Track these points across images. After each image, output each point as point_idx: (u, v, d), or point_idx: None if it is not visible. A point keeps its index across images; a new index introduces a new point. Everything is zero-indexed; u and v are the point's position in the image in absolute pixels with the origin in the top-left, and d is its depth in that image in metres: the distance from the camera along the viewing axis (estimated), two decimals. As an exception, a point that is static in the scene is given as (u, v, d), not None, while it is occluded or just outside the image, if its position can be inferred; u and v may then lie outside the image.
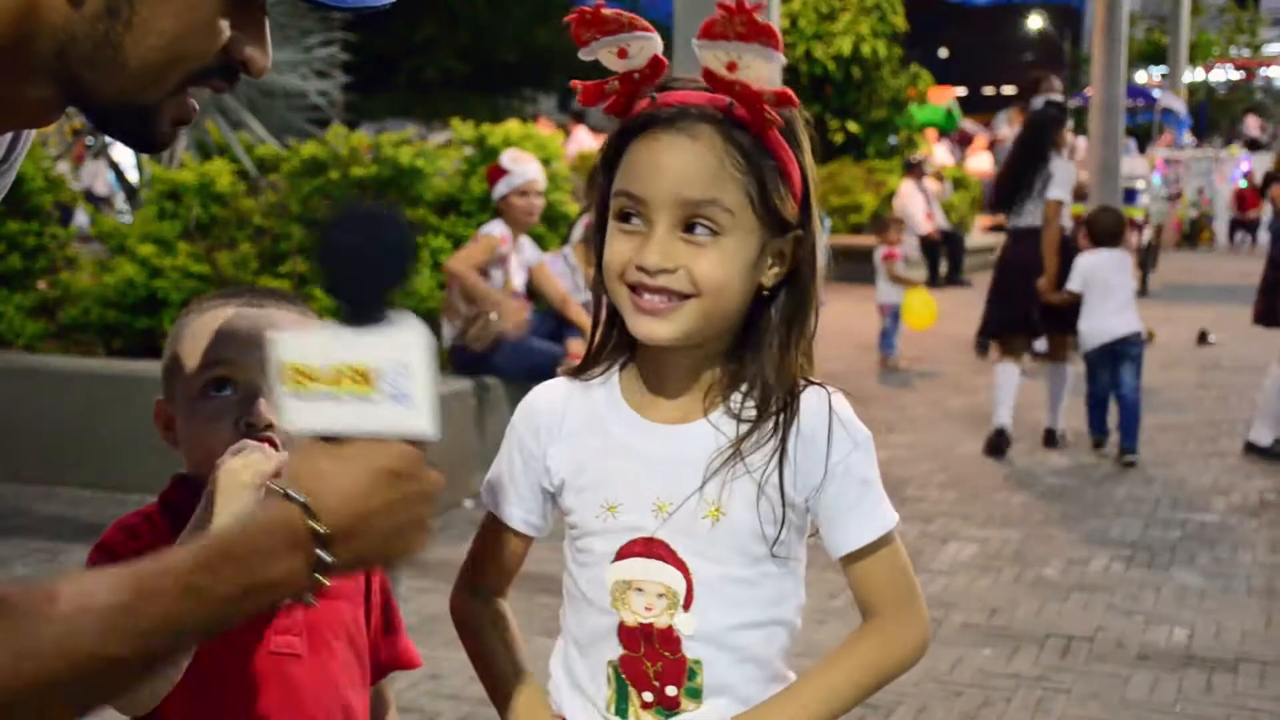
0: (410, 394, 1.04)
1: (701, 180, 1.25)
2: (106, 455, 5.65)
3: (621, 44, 1.25)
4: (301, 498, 1.03)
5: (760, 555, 1.31)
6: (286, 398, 1.07)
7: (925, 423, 7.32)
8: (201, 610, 0.99)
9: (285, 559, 1.01)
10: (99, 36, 0.99)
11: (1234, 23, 34.24)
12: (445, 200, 6.66)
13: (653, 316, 1.26)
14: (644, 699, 1.33)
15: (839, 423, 1.33)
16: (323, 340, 1.06)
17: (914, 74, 18.07)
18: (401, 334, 1.05)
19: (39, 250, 6.68)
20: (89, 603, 0.95)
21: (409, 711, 3.42)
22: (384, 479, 1.05)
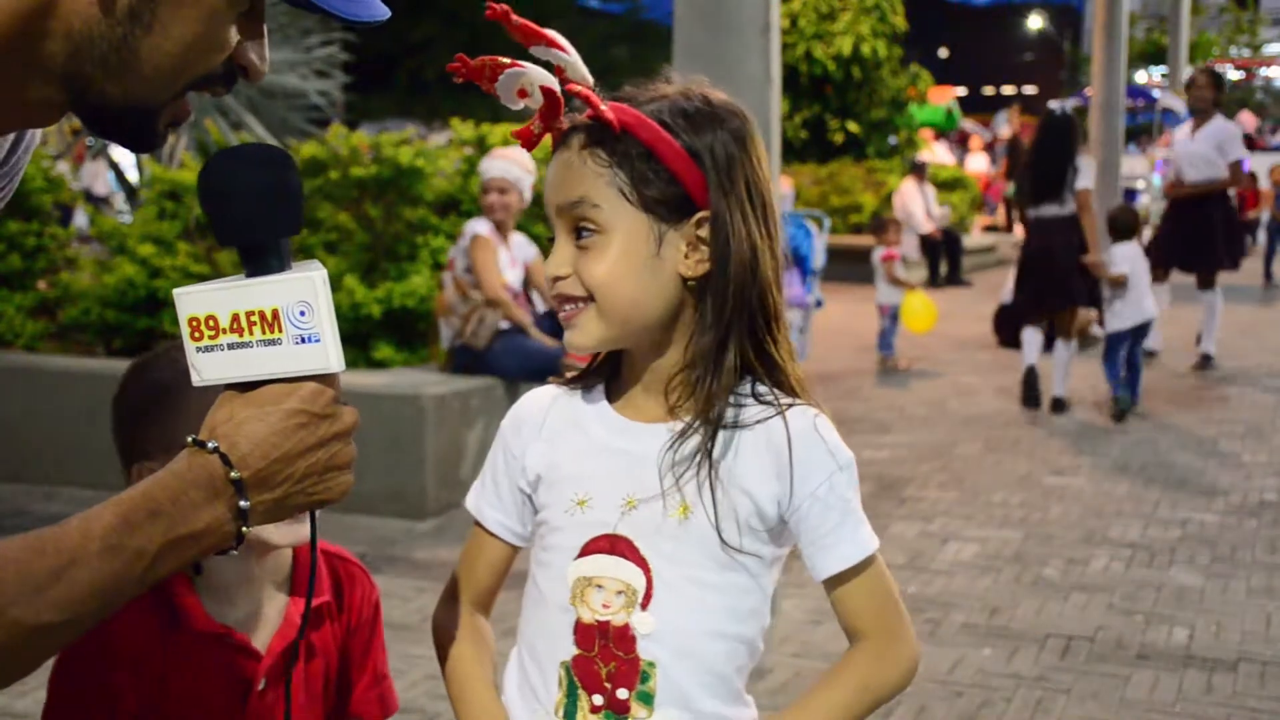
0: (315, 332, 1.07)
1: (567, 183, 1.29)
2: (106, 455, 5.63)
3: (515, 87, 1.28)
4: (215, 445, 1.03)
5: (726, 562, 1.30)
6: (195, 352, 1.08)
7: (925, 423, 7.32)
8: (128, 570, 0.99)
9: (207, 509, 1.02)
10: (117, 40, 0.99)
11: (1234, 23, 34.25)
12: (445, 200, 6.66)
13: (570, 327, 1.31)
14: (593, 702, 1.31)
15: (822, 444, 1.31)
16: (225, 290, 1.08)
17: (914, 74, 18.08)
18: (300, 276, 1.07)
19: (39, 250, 6.69)
20: (16, 570, 0.94)
21: (409, 712, 3.42)
22: (298, 420, 1.06)
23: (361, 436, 1.12)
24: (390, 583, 4.41)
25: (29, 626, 0.94)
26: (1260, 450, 6.65)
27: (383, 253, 6.36)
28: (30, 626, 0.94)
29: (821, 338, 9.60)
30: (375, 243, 6.37)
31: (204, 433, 1.06)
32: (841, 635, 1.40)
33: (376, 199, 6.43)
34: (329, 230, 6.48)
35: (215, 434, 1.05)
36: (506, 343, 5.61)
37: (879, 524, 5.78)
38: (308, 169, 6.49)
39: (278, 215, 1.09)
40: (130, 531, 0.98)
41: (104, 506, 1.00)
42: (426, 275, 6.15)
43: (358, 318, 5.98)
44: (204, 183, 1.08)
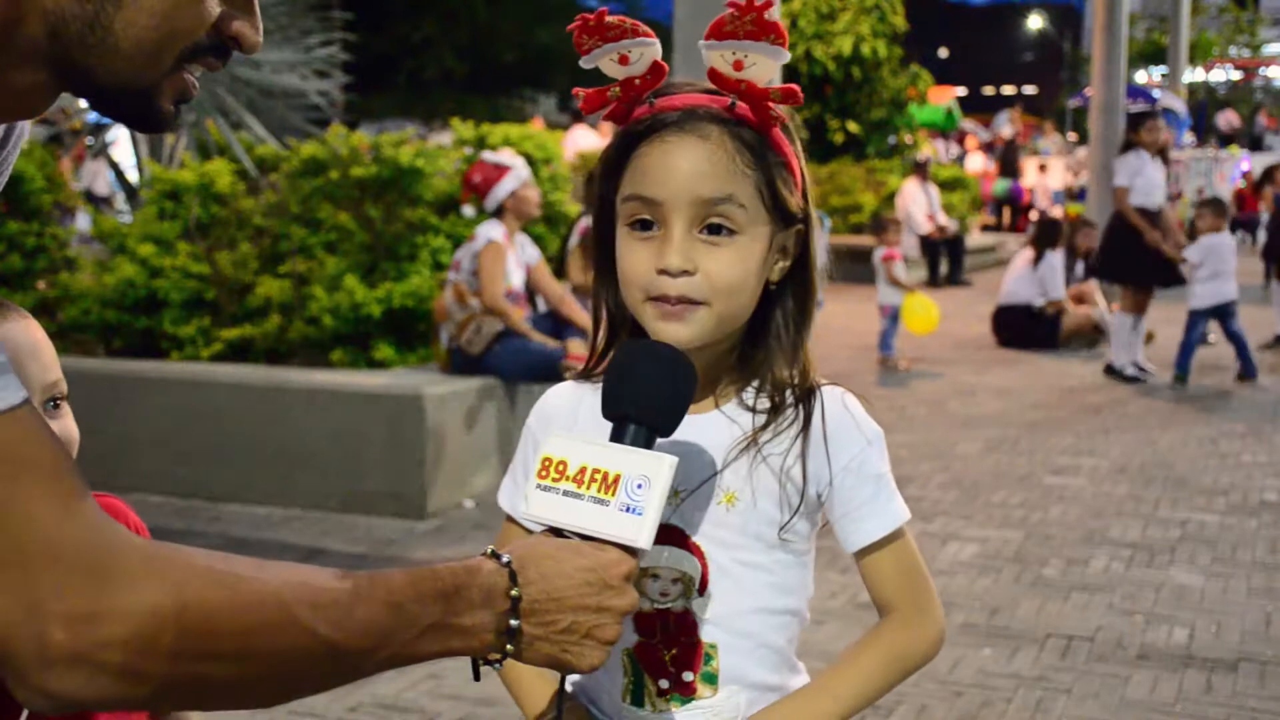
0: (642, 507, 1.15)
1: (716, 178, 1.26)
2: (107, 455, 5.65)
3: (623, 50, 1.26)
4: (508, 560, 1.10)
5: (773, 542, 1.33)
6: (534, 486, 1.20)
7: (925, 423, 7.33)
8: (399, 630, 1.03)
9: (479, 612, 1.07)
10: (89, 17, 0.99)
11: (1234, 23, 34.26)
12: (445, 200, 6.66)
13: (674, 321, 1.27)
14: (660, 686, 1.34)
15: (852, 420, 1.36)
16: (588, 445, 1.19)
17: (914, 74, 18.08)
18: (655, 456, 1.17)
19: (39, 250, 6.69)
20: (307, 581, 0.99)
21: (409, 711, 3.42)
22: (588, 578, 1.13)
23: (361, 436, 1.13)
24: (390, 583, 4.40)
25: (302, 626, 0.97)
26: (1260, 450, 6.66)
27: (383, 253, 6.36)
28: (311, 633, 0.97)
29: (821, 338, 9.60)
30: (375, 243, 6.37)
31: (504, 549, 1.13)
32: (844, 637, 1.41)
33: (376, 199, 6.42)
34: (329, 230, 6.49)
35: (513, 554, 1.12)
36: (506, 343, 5.61)
37: (879, 524, 5.72)
38: (308, 169, 6.49)
39: (668, 415, 1.21)
40: (414, 598, 1.04)
41: (399, 570, 1.06)
42: (426, 275, 6.15)
43: (358, 318, 5.98)
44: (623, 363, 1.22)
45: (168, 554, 0.95)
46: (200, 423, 5.57)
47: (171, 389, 5.68)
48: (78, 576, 0.89)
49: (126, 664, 0.90)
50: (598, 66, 1.29)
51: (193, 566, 0.94)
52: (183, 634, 0.92)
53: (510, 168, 5.78)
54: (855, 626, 3.87)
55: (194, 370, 5.83)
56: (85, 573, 0.90)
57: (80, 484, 0.94)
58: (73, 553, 0.90)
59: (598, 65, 1.28)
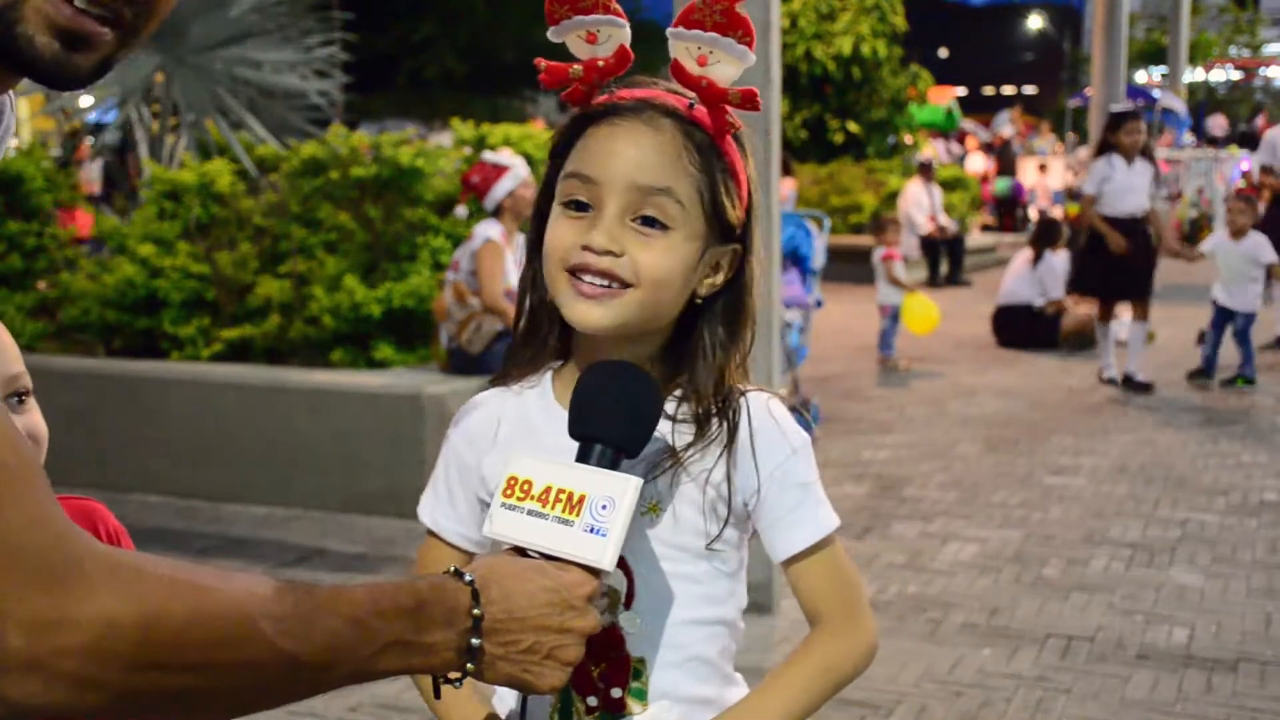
0: (606, 528, 1.15)
1: (658, 168, 1.23)
2: (106, 455, 5.65)
3: (591, 28, 1.24)
4: (471, 579, 1.10)
5: (700, 552, 1.30)
6: (499, 505, 1.20)
7: (925, 423, 7.32)
8: (359, 646, 1.02)
9: (439, 630, 1.06)
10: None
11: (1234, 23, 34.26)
12: (445, 200, 6.66)
13: (591, 301, 1.24)
14: (588, 704, 1.31)
15: (776, 428, 1.31)
16: (552, 465, 1.19)
17: (914, 74, 18.07)
18: (619, 476, 1.17)
19: (39, 250, 6.69)
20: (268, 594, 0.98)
21: (409, 711, 3.42)
22: (551, 598, 1.12)
23: (361, 436, 1.13)
24: (390, 583, 4.41)
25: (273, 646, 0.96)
26: (1260, 450, 6.65)
27: (383, 253, 6.36)
28: (274, 647, 0.96)
29: (821, 338, 9.59)
30: (375, 243, 6.37)
31: (469, 567, 1.12)
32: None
33: (376, 199, 6.42)
34: (329, 230, 6.49)
35: (476, 572, 1.11)
36: (506, 343, 5.60)
37: (879, 524, 5.78)
38: (308, 169, 6.49)
39: (634, 435, 1.20)
40: (375, 614, 1.03)
41: (360, 584, 1.05)
42: (426, 275, 6.15)
43: (358, 318, 5.98)
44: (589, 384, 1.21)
45: (131, 563, 0.94)
46: (200, 423, 5.57)
47: (171, 389, 5.68)
48: (39, 583, 0.88)
49: (83, 672, 0.89)
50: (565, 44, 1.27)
51: (156, 577, 0.93)
52: (142, 644, 0.91)
53: (509, 167, 5.78)
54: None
55: (194, 370, 5.82)
56: (46, 579, 0.89)
57: (46, 489, 0.92)
58: (35, 559, 0.89)
59: (565, 41, 1.26)
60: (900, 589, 4.47)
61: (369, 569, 4.60)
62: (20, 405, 1.37)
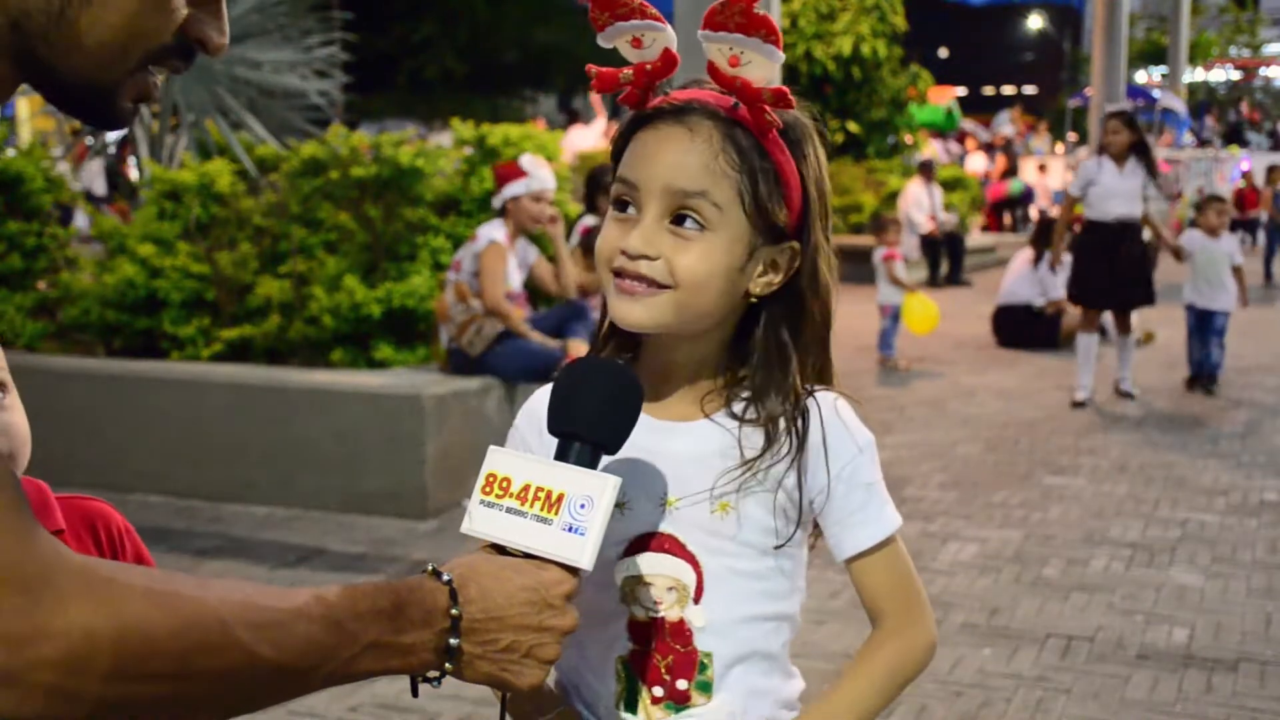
0: (584, 527, 1.15)
1: (693, 171, 1.25)
2: (106, 455, 5.65)
3: (635, 33, 1.25)
4: (449, 578, 1.10)
5: (767, 550, 1.33)
6: (478, 503, 1.20)
7: (925, 423, 7.32)
8: (337, 649, 1.02)
9: (417, 630, 1.07)
10: (54, 12, 0.97)
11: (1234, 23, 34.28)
12: (445, 200, 6.66)
13: (631, 300, 1.27)
14: (654, 694, 1.33)
15: (844, 428, 1.34)
16: (531, 462, 1.20)
17: (914, 74, 18.07)
18: (598, 475, 1.17)
19: (39, 250, 6.69)
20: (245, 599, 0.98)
21: (409, 711, 3.42)
22: (529, 596, 1.13)
23: (361, 436, 1.13)
24: (390, 583, 4.41)
25: (244, 646, 0.97)
26: (1260, 450, 6.66)
27: (383, 253, 6.36)
28: (245, 646, 0.97)
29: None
30: (375, 243, 6.37)
31: (446, 566, 1.12)
32: (843, 635, 1.41)
33: (376, 199, 6.42)
34: (329, 230, 6.49)
35: (455, 572, 1.11)
36: (506, 343, 5.61)
37: (879, 524, 5.70)
38: (308, 169, 6.49)
39: (613, 433, 1.21)
40: (353, 616, 1.03)
41: (337, 586, 1.06)
42: (426, 275, 6.15)
43: (358, 318, 5.98)
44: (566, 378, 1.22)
45: (107, 574, 0.94)
46: (200, 423, 5.57)
47: (171, 389, 5.68)
48: (13, 596, 0.89)
49: (60, 685, 0.89)
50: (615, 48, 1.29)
51: (131, 587, 0.93)
52: (119, 655, 0.91)
53: (526, 173, 5.77)
54: (855, 626, 3.87)
55: (194, 370, 5.82)
56: (21, 592, 0.89)
57: (20, 500, 0.92)
58: (8, 572, 0.89)
59: (617, 47, 1.28)
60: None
61: (369, 569, 4.60)
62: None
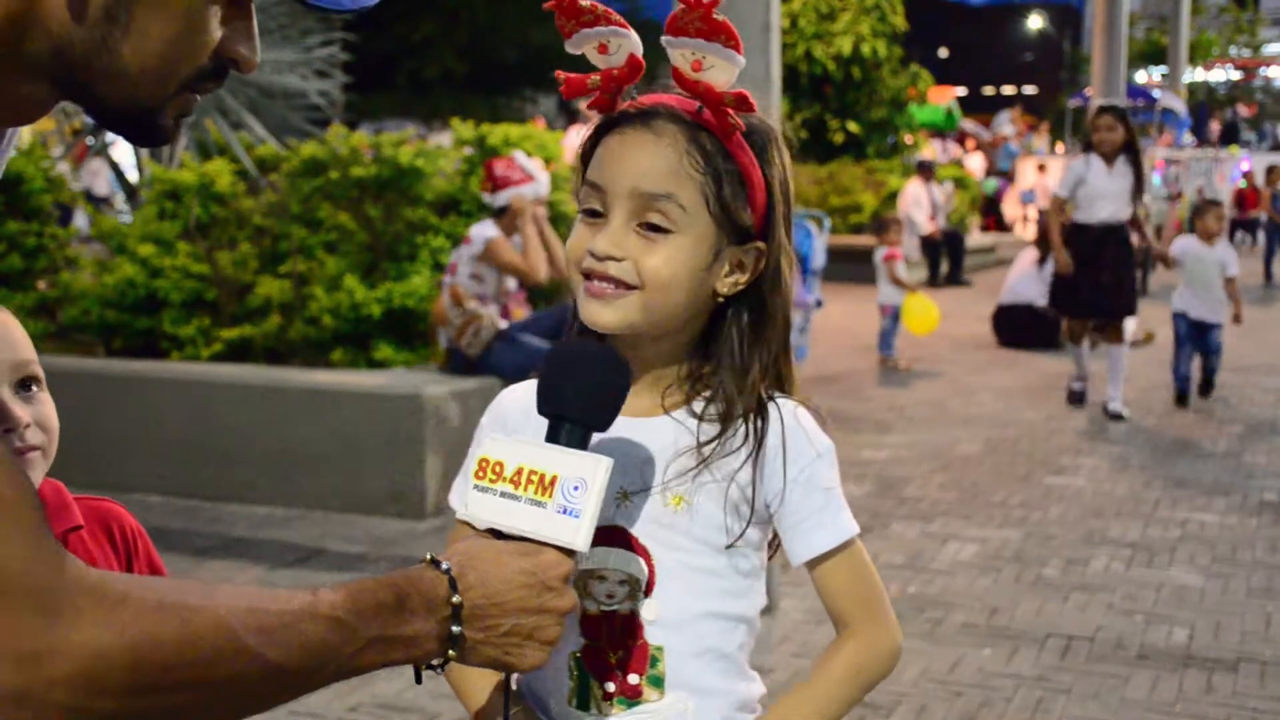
0: (579, 509, 1.15)
1: (658, 174, 1.27)
2: (106, 455, 5.65)
3: (600, 39, 1.27)
4: (448, 567, 1.11)
5: (721, 546, 1.33)
6: (472, 488, 1.20)
7: (925, 423, 7.32)
8: (341, 646, 1.03)
9: (420, 620, 1.08)
10: (96, 42, 0.98)
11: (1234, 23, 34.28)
12: (445, 200, 6.66)
13: (599, 302, 1.29)
14: (606, 689, 1.33)
15: (803, 433, 1.35)
16: (524, 446, 1.20)
17: (914, 74, 18.07)
18: (591, 457, 1.18)
19: (39, 250, 6.69)
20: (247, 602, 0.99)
21: (409, 711, 3.42)
22: (527, 580, 1.13)
23: (361, 436, 1.13)
24: (390, 583, 4.40)
25: (252, 653, 0.98)
26: (1260, 450, 6.66)
27: (383, 253, 6.36)
28: (252, 653, 0.98)
29: (821, 338, 9.59)
30: (375, 243, 6.37)
31: (444, 553, 1.13)
32: (842, 635, 1.40)
33: (376, 199, 6.42)
34: (329, 230, 6.48)
35: (453, 560, 1.12)
36: (504, 343, 5.62)
37: (879, 524, 5.78)
38: (308, 169, 6.49)
39: (601, 411, 1.22)
40: (355, 613, 1.04)
41: (338, 585, 1.07)
42: (426, 275, 6.15)
43: (358, 318, 5.98)
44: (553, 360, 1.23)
45: (119, 589, 0.95)
46: (200, 423, 5.57)
47: (171, 389, 5.68)
48: (27, 614, 0.89)
49: (73, 702, 0.90)
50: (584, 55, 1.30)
51: (141, 602, 0.94)
52: (132, 672, 0.92)
53: (532, 177, 5.79)
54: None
55: (194, 370, 5.83)
56: (34, 610, 0.90)
57: (38, 517, 0.93)
58: (23, 589, 0.90)
59: (585, 53, 1.30)
60: (900, 589, 4.47)
61: (369, 569, 4.59)
62: (29, 394, 1.36)
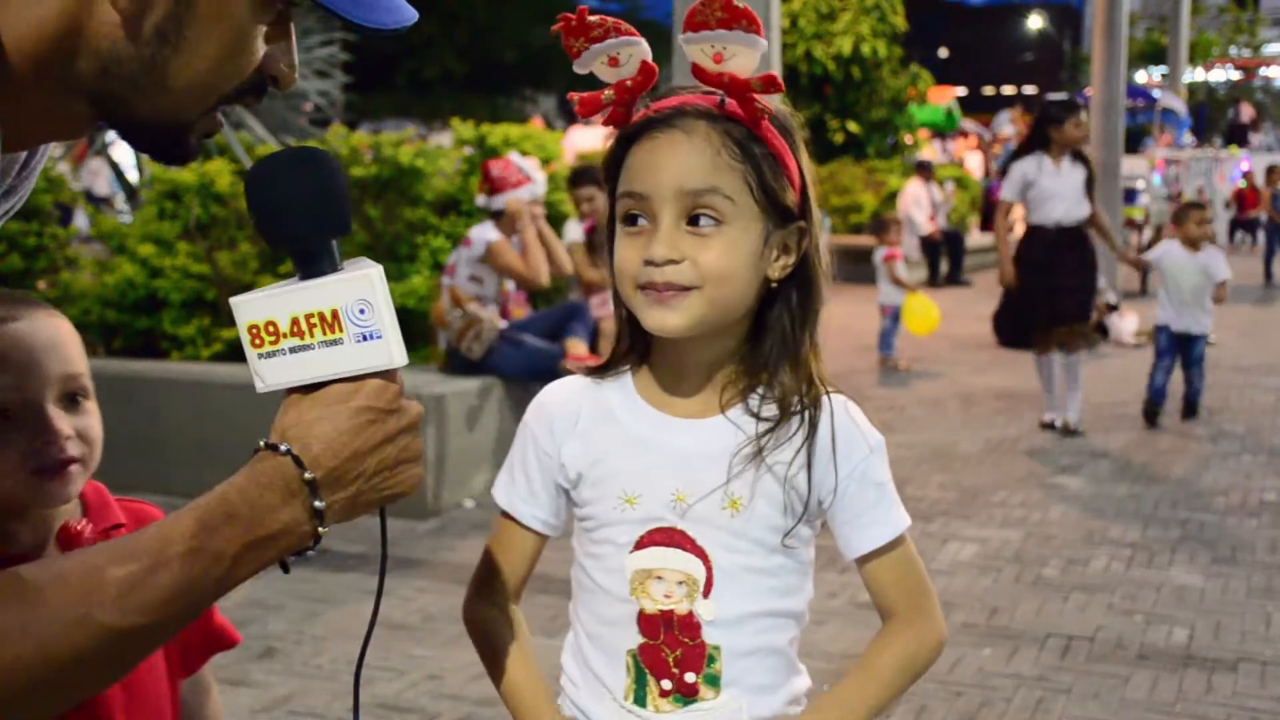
0: (376, 329, 1.07)
1: (700, 170, 1.28)
2: (107, 455, 5.63)
3: (610, 52, 1.28)
4: (287, 448, 1.05)
5: (775, 546, 1.35)
6: (257, 359, 1.10)
7: (925, 423, 7.32)
8: (207, 573, 1.01)
9: (283, 511, 1.04)
10: (145, 60, 0.99)
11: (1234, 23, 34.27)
12: (445, 200, 6.66)
13: (665, 307, 1.28)
14: (662, 687, 1.35)
15: (856, 428, 1.37)
16: (283, 295, 1.09)
17: (914, 74, 18.07)
18: (357, 274, 1.08)
19: (39, 250, 6.68)
20: (100, 579, 0.97)
21: (409, 711, 3.42)
22: (366, 417, 1.07)
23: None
24: (390, 582, 4.39)
25: (117, 631, 0.96)
26: (1260, 450, 6.66)
27: (383, 253, 6.36)
28: (118, 631, 0.97)
29: (822, 338, 9.57)
30: (375, 243, 6.37)
31: (274, 435, 1.08)
32: (844, 637, 1.42)
33: (376, 199, 6.42)
34: (329, 230, 6.48)
35: (285, 436, 1.07)
36: (506, 343, 5.62)
37: (879, 524, 5.68)
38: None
39: (325, 217, 1.09)
40: (209, 535, 1.00)
41: (182, 512, 1.02)
42: (426, 275, 6.15)
43: (358, 318, 5.97)
44: (249, 189, 1.09)
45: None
46: (200, 423, 5.57)
47: (171, 389, 5.68)
48: None
49: None
50: (592, 71, 1.30)
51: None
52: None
53: (530, 179, 5.79)
54: (855, 626, 3.88)
55: (194, 370, 5.83)
56: None
57: None
58: None
59: (593, 70, 1.30)
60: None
61: (369, 569, 4.59)
62: (75, 406, 1.37)
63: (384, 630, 3.85)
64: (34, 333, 1.32)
